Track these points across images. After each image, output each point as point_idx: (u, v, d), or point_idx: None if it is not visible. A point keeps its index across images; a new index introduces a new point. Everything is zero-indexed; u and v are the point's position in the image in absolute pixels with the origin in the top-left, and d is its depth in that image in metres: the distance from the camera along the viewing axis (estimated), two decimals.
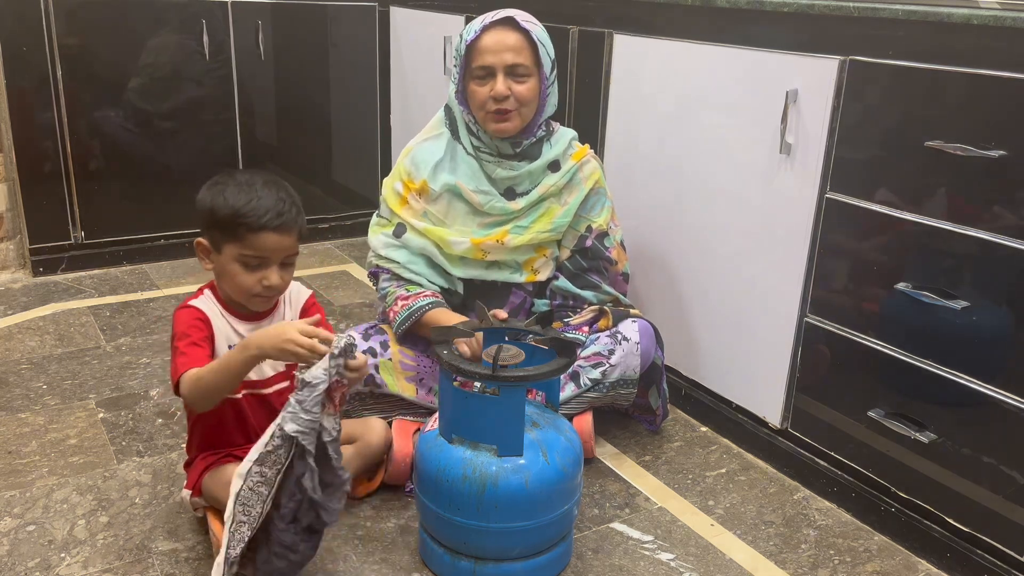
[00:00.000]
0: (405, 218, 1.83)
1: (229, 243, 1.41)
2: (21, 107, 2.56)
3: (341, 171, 3.25)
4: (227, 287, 1.45)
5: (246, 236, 1.39)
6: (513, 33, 1.74)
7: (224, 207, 1.39)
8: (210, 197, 1.41)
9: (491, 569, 1.41)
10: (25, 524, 1.54)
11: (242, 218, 1.38)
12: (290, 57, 3.00)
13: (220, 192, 1.41)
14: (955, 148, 1.38)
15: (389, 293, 1.82)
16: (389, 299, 1.81)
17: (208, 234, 1.43)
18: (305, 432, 1.24)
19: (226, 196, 1.40)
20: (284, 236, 1.41)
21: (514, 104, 1.75)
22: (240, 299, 1.46)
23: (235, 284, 1.43)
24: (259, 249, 1.40)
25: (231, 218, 1.39)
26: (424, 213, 1.82)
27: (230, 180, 1.43)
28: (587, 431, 1.75)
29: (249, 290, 1.43)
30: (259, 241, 1.40)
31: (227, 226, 1.39)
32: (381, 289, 1.85)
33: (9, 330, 2.34)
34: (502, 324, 1.53)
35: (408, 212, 1.83)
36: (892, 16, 1.50)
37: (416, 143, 1.88)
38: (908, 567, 1.53)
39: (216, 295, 1.47)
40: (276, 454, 1.26)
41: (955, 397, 1.45)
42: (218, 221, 1.40)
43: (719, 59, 1.79)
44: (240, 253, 1.40)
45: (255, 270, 1.41)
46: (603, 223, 1.86)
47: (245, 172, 1.46)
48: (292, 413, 1.24)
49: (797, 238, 1.67)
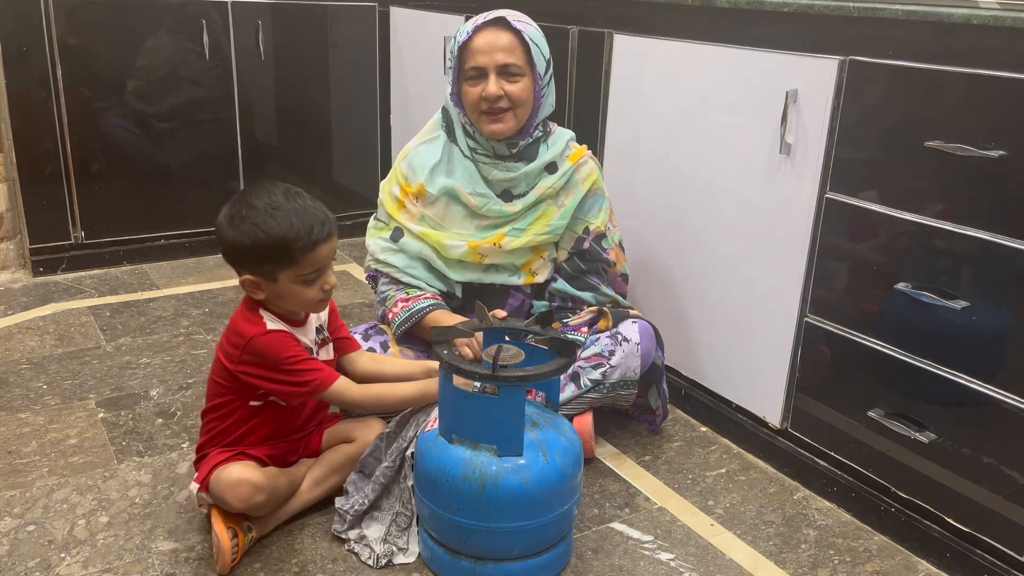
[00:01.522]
0: (402, 222, 1.83)
1: (285, 270, 1.41)
2: (21, 107, 2.56)
3: (341, 171, 3.25)
4: (289, 306, 1.47)
5: (301, 258, 1.40)
6: (505, 33, 1.74)
7: (268, 240, 1.38)
8: (244, 234, 1.38)
9: (491, 569, 1.41)
10: (25, 524, 1.54)
11: (294, 243, 1.38)
12: (290, 57, 3.00)
13: (253, 225, 1.38)
14: (955, 148, 1.38)
15: (389, 297, 1.82)
16: (389, 303, 1.81)
17: (256, 269, 1.41)
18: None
19: (264, 228, 1.38)
20: (332, 240, 1.44)
21: (507, 104, 1.74)
22: (305, 310, 1.49)
23: (300, 301, 1.45)
24: (317, 263, 1.42)
25: (281, 247, 1.38)
26: (421, 217, 1.82)
27: (251, 209, 1.39)
28: (587, 431, 1.75)
29: (313, 300, 1.45)
30: (316, 256, 1.41)
31: (279, 256, 1.39)
32: (380, 293, 1.85)
33: (9, 330, 2.34)
34: (502, 324, 1.53)
35: (405, 216, 1.83)
36: (892, 16, 1.50)
37: (413, 146, 1.88)
38: (908, 567, 1.53)
39: (273, 312, 1.47)
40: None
41: (955, 397, 1.45)
42: (266, 254, 1.39)
43: (719, 59, 1.79)
44: (298, 274, 1.41)
45: (314, 282, 1.43)
46: (600, 225, 1.86)
47: (256, 192, 1.42)
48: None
49: (797, 238, 1.67)
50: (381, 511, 1.52)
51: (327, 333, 1.58)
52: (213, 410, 1.51)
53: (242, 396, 1.48)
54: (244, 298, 1.50)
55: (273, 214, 1.39)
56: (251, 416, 1.50)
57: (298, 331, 1.49)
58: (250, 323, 1.45)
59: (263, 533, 1.51)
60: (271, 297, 1.45)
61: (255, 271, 1.42)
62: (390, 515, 1.51)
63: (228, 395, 1.49)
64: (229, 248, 1.42)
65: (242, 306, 1.50)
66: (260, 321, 1.45)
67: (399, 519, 1.50)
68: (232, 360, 1.45)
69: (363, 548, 1.48)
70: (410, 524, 1.50)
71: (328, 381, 1.47)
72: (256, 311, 1.47)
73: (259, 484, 1.43)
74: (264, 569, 1.45)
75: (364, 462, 1.55)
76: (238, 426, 1.50)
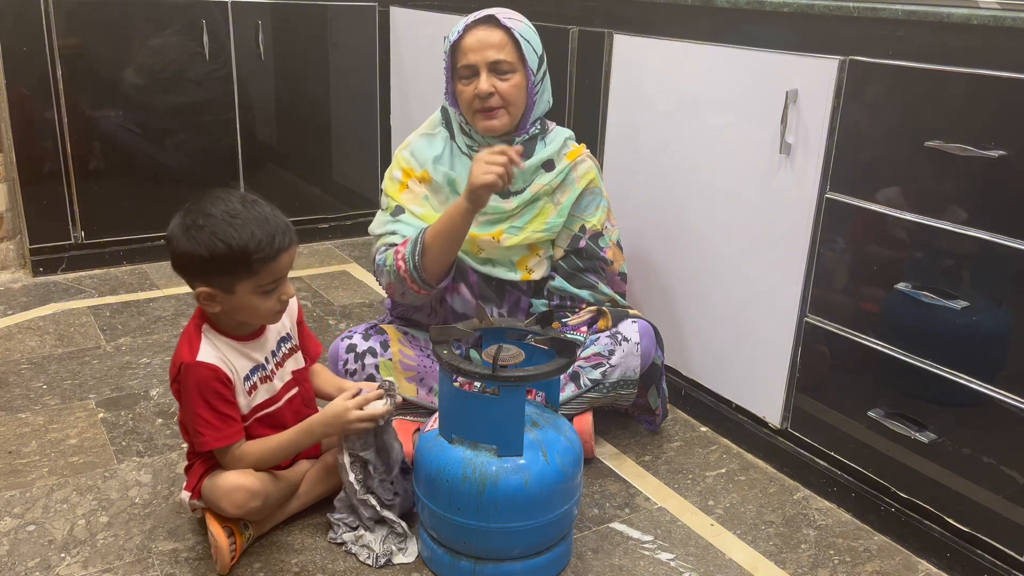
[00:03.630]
0: (404, 203, 1.82)
1: (243, 281, 1.34)
2: (21, 107, 2.56)
3: (341, 171, 3.24)
4: (244, 318, 1.41)
5: (261, 269, 1.34)
6: (495, 31, 1.74)
7: (228, 250, 1.31)
8: (200, 244, 1.31)
9: (491, 569, 1.41)
10: (25, 524, 1.54)
11: (255, 253, 1.32)
12: (290, 57, 3.00)
13: (211, 235, 1.31)
14: (955, 148, 1.38)
15: (387, 256, 1.74)
16: (388, 260, 1.73)
17: (212, 281, 1.35)
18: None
19: (223, 238, 1.30)
20: (292, 249, 1.39)
21: (499, 101, 1.75)
22: (262, 322, 1.44)
23: (256, 313, 1.40)
24: (276, 273, 1.37)
25: (241, 258, 1.31)
26: (425, 197, 1.82)
27: (208, 218, 1.32)
28: (587, 431, 1.75)
29: (270, 311, 1.40)
30: (276, 267, 1.36)
31: (238, 267, 1.33)
32: (379, 261, 1.77)
33: (9, 330, 2.34)
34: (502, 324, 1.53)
35: (408, 196, 1.81)
36: (892, 16, 1.50)
37: (414, 137, 1.88)
38: (908, 567, 1.53)
39: (213, 326, 1.42)
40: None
41: (955, 397, 1.45)
42: (224, 265, 1.32)
43: (719, 59, 1.79)
44: (257, 285, 1.36)
45: (272, 293, 1.38)
46: (597, 223, 1.86)
47: (211, 200, 1.35)
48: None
49: (797, 238, 1.67)
50: (372, 533, 1.50)
51: (296, 342, 1.54)
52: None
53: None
54: (196, 310, 1.44)
55: (232, 223, 1.31)
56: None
57: (249, 346, 1.44)
58: (188, 345, 1.40)
59: (261, 532, 1.51)
60: (226, 310, 1.39)
61: (211, 283, 1.35)
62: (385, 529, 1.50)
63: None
64: (184, 260, 1.34)
65: (191, 320, 1.44)
66: (196, 346, 1.39)
67: (396, 527, 1.50)
68: (171, 378, 1.43)
69: (361, 549, 1.48)
70: (405, 533, 1.50)
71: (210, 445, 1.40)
72: (198, 331, 1.41)
73: (254, 490, 1.42)
74: (264, 569, 1.45)
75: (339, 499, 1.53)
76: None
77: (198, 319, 1.43)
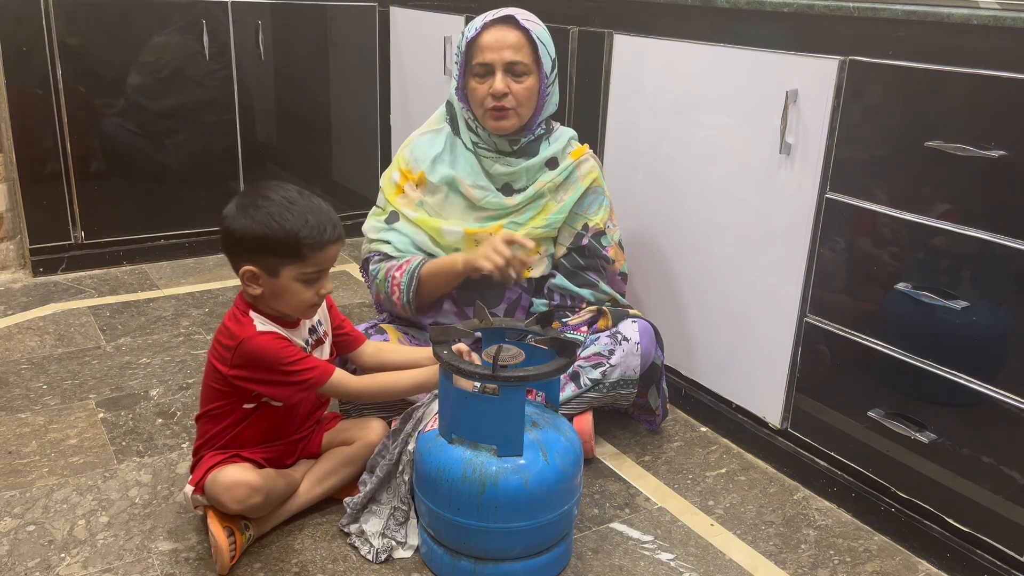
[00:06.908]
0: (399, 207, 1.84)
1: (289, 265, 1.40)
2: (21, 107, 2.56)
3: (341, 171, 3.25)
4: (282, 305, 1.45)
5: (309, 255, 1.39)
6: (513, 31, 1.75)
7: (281, 231, 1.37)
8: (256, 222, 1.38)
9: (491, 569, 1.41)
10: (25, 524, 1.54)
11: (306, 239, 1.38)
12: (290, 57, 3.00)
13: (268, 215, 1.38)
14: (955, 148, 1.38)
15: (380, 271, 1.82)
16: (380, 275, 1.80)
17: (259, 260, 1.40)
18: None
19: (279, 220, 1.37)
20: (340, 243, 1.44)
21: (512, 102, 1.75)
22: (296, 313, 1.47)
23: (295, 301, 1.44)
24: (321, 264, 1.42)
25: (291, 240, 1.38)
26: (420, 203, 1.83)
27: (266, 200, 1.39)
28: (587, 431, 1.75)
29: (308, 303, 1.45)
30: (322, 256, 1.41)
31: (287, 249, 1.38)
32: (372, 271, 1.84)
33: (9, 330, 2.34)
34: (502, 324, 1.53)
35: (403, 201, 1.84)
36: (892, 16, 1.50)
37: (417, 135, 1.89)
38: (908, 567, 1.53)
39: (263, 314, 1.46)
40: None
41: (955, 397, 1.45)
42: (275, 246, 1.38)
43: (719, 59, 1.79)
44: (301, 272, 1.41)
45: (313, 284, 1.43)
46: (600, 222, 1.87)
47: (270, 186, 1.42)
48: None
49: (797, 238, 1.67)
50: (380, 504, 1.52)
51: (322, 334, 1.57)
52: (207, 414, 1.51)
53: (235, 400, 1.48)
54: (236, 300, 1.49)
55: (290, 207, 1.39)
56: (245, 419, 1.49)
57: (290, 332, 1.49)
58: (240, 326, 1.44)
59: (261, 533, 1.51)
60: (267, 294, 1.44)
61: (258, 263, 1.41)
62: (388, 508, 1.51)
63: (221, 399, 1.48)
64: (236, 236, 1.40)
65: (233, 308, 1.48)
66: (250, 323, 1.44)
67: (396, 513, 1.50)
68: (224, 363, 1.44)
69: (363, 543, 1.48)
70: (407, 518, 1.50)
71: (326, 375, 1.47)
72: (246, 314, 1.46)
73: (256, 486, 1.43)
74: (264, 569, 1.45)
75: (373, 461, 1.55)
76: (232, 429, 1.49)
77: (242, 304, 1.47)
